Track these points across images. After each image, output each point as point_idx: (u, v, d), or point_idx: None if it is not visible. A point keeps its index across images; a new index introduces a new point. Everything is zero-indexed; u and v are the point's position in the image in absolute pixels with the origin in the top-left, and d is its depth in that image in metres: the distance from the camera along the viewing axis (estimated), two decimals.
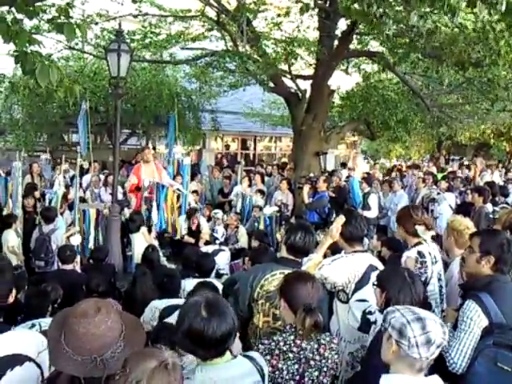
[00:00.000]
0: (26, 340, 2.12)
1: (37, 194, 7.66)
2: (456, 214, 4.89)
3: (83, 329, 1.65)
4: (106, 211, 6.82)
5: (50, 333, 1.78)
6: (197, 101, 13.37)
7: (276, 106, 15.35)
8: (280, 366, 2.34)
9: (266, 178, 10.88)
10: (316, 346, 2.39)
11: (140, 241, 6.40)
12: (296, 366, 2.36)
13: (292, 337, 2.38)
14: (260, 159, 18.11)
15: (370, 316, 2.91)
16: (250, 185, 9.69)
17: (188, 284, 4.07)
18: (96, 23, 9.40)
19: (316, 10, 9.11)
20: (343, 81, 11.93)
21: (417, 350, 1.81)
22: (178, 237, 7.74)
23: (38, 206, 7.30)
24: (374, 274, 2.86)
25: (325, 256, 3.14)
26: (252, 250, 5.79)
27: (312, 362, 2.38)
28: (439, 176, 11.04)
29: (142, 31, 10.17)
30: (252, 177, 10.27)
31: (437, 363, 1.98)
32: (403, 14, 4.85)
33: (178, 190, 7.93)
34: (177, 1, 10.43)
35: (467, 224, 3.73)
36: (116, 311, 1.79)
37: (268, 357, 2.32)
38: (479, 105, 10.70)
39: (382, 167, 18.04)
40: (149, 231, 6.76)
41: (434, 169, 13.31)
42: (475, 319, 2.44)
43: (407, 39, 7.16)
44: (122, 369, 1.52)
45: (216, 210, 8.40)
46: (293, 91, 10.51)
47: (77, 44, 8.91)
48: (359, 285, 2.97)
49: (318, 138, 10.32)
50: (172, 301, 3.57)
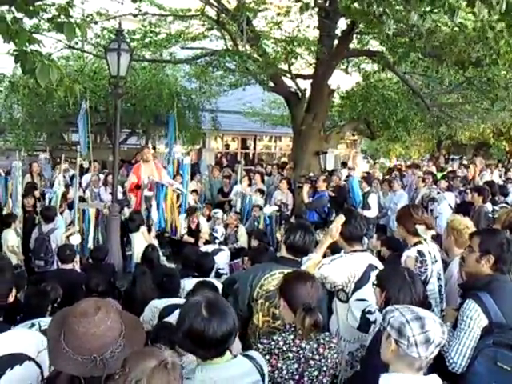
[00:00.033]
0: (26, 339, 2.12)
1: (37, 194, 7.66)
2: (456, 214, 4.90)
3: (83, 328, 1.65)
4: (106, 211, 6.82)
5: (50, 332, 1.78)
6: (197, 100, 13.35)
7: (276, 106, 15.34)
8: (279, 366, 2.34)
9: (266, 178, 10.88)
10: (315, 346, 2.39)
11: (140, 240, 6.40)
12: (295, 366, 2.35)
13: (291, 336, 2.38)
14: (260, 159, 18.10)
15: (370, 315, 2.91)
16: (250, 184, 9.69)
17: (187, 283, 4.07)
18: (96, 22, 9.40)
19: (316, 10, 9.12)
20: (343, 80, 11.92)
21: (416, 349, 1.81)
22: (178, 236, 7.74)
23: (38, 206, 7.30)
24: (374, 274, 2.86)
25: (324, 255, 3.14)
26: (252, 250, 5.79)
27: (311, 362, 2.37)
28: (439, 175, 11.04)
29: (142, 30, 10.17)
30: (252, 176, 10.27)
31: (436, 363, 1.98)
32: (403, 14, 4.85)
33: (178, 190, 7.94)
34: (177, 0, 10.43)
35: (467, 223, 3.73)
36: (116, 311, 1.79)
37: (267, 356, 2.32)
38: (479, 104, 10.70)
39: (382, 167, 18.04)
40: (148, 231, 6.77)
41: (434, 168, 13.30)
42: (475, 319, 2.44)
43: (407, 38, 7.16)
44: (122, 368, 1.52)
45: (216, 210, 8.40)
46: (293, 91, 10.50)
47: (77, 43, 8.90)
48: (359, 284, 2.97)
49: (318, 138, 10.32)
50: (172, 300, 3.58)
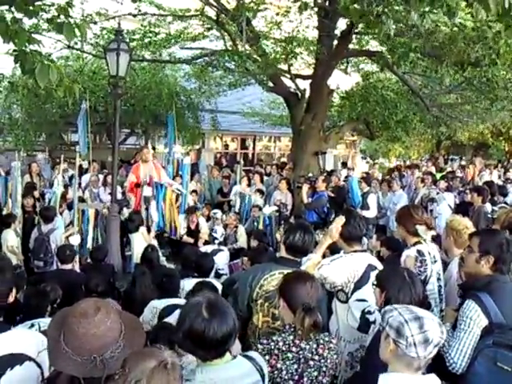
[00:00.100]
0: (26, 339, 2.12)
1: (36, 194, 7.66)
2: (455, 214, 4.90)
3: (83, 329, 1.65)
4: (105, 211, 6.82)
5: (50, 333, 1.78)
6: (196, 100, 13.34)
7: (275, 106, 15.33)
8: (279, 366, 2.34)
9: (265, 178, 10.87)
10: (315, 346, 2.39)
11: (139, 241, 6.40)
12: (295, 366, 2.35)
13: (291, 337, 2.38)
14: (259, 159, 18.08)
15: (370, 316, 2.91)
16: (249, 184, 9.68)
17: (187, 284, 4.07)
18: (95, 22, 9.38)
19: (315, 10, 9.11)
20: (342, 80, 11.92)
21: (414, 349, 1.81)
22: (178, 236, 7.74)
23: (38, 206, 7.29)
24: (374, 274, 2.86)
25: (324, 256, 3.14)
26: (251, 250, 5.79)
27: (311, 362, 2.37)
28: (438, 176, 11.05)
29: (142, 30, 10.16)
30: (251, 176, 10.26)
31: (436, 363, 1.98)
32: (402, 14, 4.85)
33: (177, 190, 7.93)
34: (176, 0, 10.43)
35: (466, 224, 3.73)
36: (115, 311, 1.79)
37: (267, 357, 2.32)
38: (478, 104, 10.70)
39: (381, 167, 18.05)
40: (148, 231, 6.77)
41: (433, 168, 13.31)
42: (475, 319, 2.44)
43: (407, 39, 7.16)
44: (122, 369, 1.52)
45: (215, 210, 8.39)
46: (292, 91, 10.50)
47: (76, 43, 8.87)
48: (358, 284, 2.97)
49: (318, 138, 10.31)
50: (171, 300, 3.57)
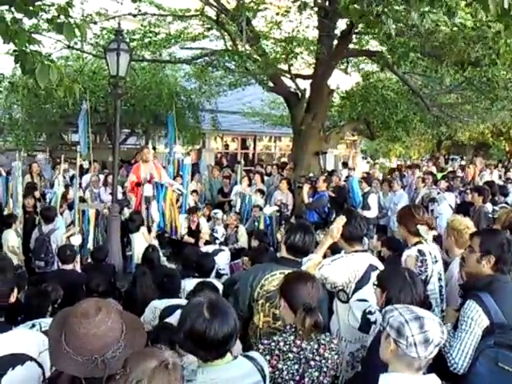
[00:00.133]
0: (28, 339, 2.12)
1: (37, 194, 7.66)
2: (456, 214, 4.89)
3: (84, 329, 1.65)
4: (106, 211, 6.82)
5: (51, 333, 1.78)
6: (196, 100, 13.34)
7: (276, 106, 15.33)
8: (280, 367, 2.34)
9: (266, 178, 10.87)
10: (316, 347, 2.39)
11: (140, 241, 6.40)
12: (296, 367, 2.35)
13: (292, 337, 2.38)
14: (260, 159, 18.08)
15: (371, 316, 2.91)
16: (250, 184, 9.68)
17: (188, 284, 4.08)
18: (95, 22, 9.38)
19: (315, 9, 9.11)
20: (343, 80, 11.92)
21: (415, 349, 1.81)
22: (178, 236, 7.74)
23: (38, 206, 7.30)
24: (374, 274, 2.86)
25: (325, 256, 3.13)
26: (252, 250, 5.79)
27: (312, 363, 2.37)
28: (439, 176, 11.05)
29: (142, 30, 10.16)
30: (252, 176, 10.26)
31: (437, 363, 1.98)
32: (402, 14, 4.84)
33: (178, 190, 7.93)
34: (176, 0, 10.43)
35: (467, 224, 3.73)
36: (116, 311, 1.79)
37: (268, 357, 2.32)
38: (479, 104, 10.70)
39: (382, 167, 18.04)
40: (148, 231, 6.77)
41: (434, 168, 13.31)
42: (476, 319, 2.44)
43: (407, 38, 7.15)
44: (123, 369, 1.52)
45: (216, 210, 8.39)
46: (292, 91, 10.50)
47: (76, 43, 8.88)
48: (359, 284, 2.97)
49: (318, 138, 10.31)
50: (172, 301, 3.57)
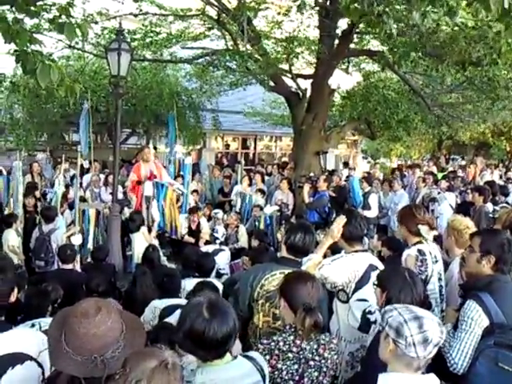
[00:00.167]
0: (28, 339, 2.12)
1: (37, 194, 7.66)
2: (456, 214, 4.89)
3: (84, 329, 1.65)
4: (106, 211, 6.82)
5: (51, 332, 1.78)
6: (197, 100, 13.35)
7: (276, 106, 15.32)
8: (279, 366, 2.34)
9: (266, 178, 10.87)
10: (315, 347, 2.39)
11: (140, 240, 6.40)
12: (295, 367, 2.35)
13: (292, 337, 2.38)
14: (260, 159, 18.08)
15: (370, 316, 2.91)
16: (251, 184, 9.68)
17: (188, 284, 4.07)
18: (96, 22, 9.38)
19: (316, 9, 9.11)
20: (344, 80, 11.90)
21: (414, 349, 1.80)
22: (178, 236, 7.74)
23: (39, 206, 7.30)
24: (375, 274, 2.86)
25: (325, 256, 3.13)
26: (252, 250, 5.79)
27: (311, 363, 2.37)
28: (439, 175, 11.04)
29: (143, 30, 10.16)
30: (252, 176, 10.27)
31: (437, 363, 1.97)
32: (404, 13, 4.84)
33: (178, 190, 7.93)
34: (177, 0, 10.43)
35: (467, 223, 3.73)
36: (116, 311, 1.79)
37: (267, 357, 2.32)
38: (480, 104, 10.69)
39: (383, 167, 18.03)
40: (149, 231, 6.77)
41: (435, 168, 13.30)
42: (476, 319, 2.43)
43: (408, 38, 7.15)
44: (122, 368, 1.52)
45: (216, 210, 8.40)
46: (293, 90, 10.49)
47: (77, 43, 8.89)
48: (359, 284, 2.97)
49: (319, 138, 10.31)
50: (172, 300, 3.58)
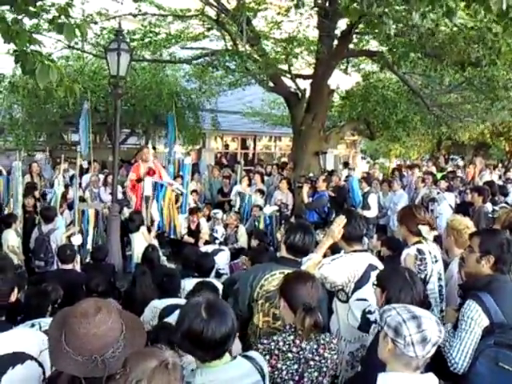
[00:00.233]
0: (28, 338, 2.12)
1: (37, 194, 7.66)
2: (456, 214, 4.90)
3: (83, 329, 1.65)
4: (106, 211, 6.82)
5: (51, 332, 1.78)
6: (196, 100, 13.34)
7: (276, 106, 15.33)
8: (279, 366, 2.34)
9: (266, 178, 10.86)
10: (315, 347, 2.39)
11: (140, 240, 6.40)
12: (295, 366, 2.35)
13: (291, 337, 2.38)
14: (259, 159, 18.08)
15: (370, 315, 2.91)
16: (250, 184, 9.68)
17: (188, 284, 4.07)
18: (96, 22, 9.39)
19: (316, 9, 9.12)
20: (343, 80, 11.92)
21: (412, 349, 1.81)
22: (178, 236, 7.74)
23: (38, 206, 7.30)
24: (374, 274, 2.86)
25: (325, 255, 3.13)
26: (251, 250, 5.79)
27: (311, 363, 2.37)
28: (439, 176, 11.04)
29: (142, 30, 10.17)
30: (252, 176, 10.26)
31: (437, 363, 1.98)
32: (403, 14, 4.85)
33: (178, 190, 7.93)
34: (176, 0, 10.43)
35: (467, 223, 3.73)
36: (116, 311, 1.79)
37: (267, 357, 2.32)
38: (479, 104, 10.70)
39: (382, 167, 18.03)
40: (148, 231, 6.77)
41: (434, 168, 13.30)
42: (476, 319, 2.44)
43: (407, 39, 7.16)
44: (123, 368, 1.52)
45: (216, 210, 8.39)
46: (292, 91, 10.50)
47: (76, 43, 8.89)
48: (359, 284, 2.97)
49: (318, 138, 10.32)
50: (172, 300, 3.58)
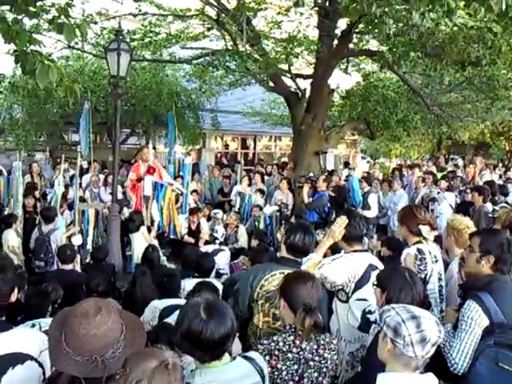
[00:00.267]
0: (28, 339, 2.12)
1: (37, 194, 7.66)
2: (456, 214, 4.89)
3: (84, 329, 1.65)
4: (106, 211, 6.82)
5: (51, 333, 1.78)
6: (197, 100, 13.34)
7: (276, 106, 15.33)
8: (279, 367, 2.34)
9: (266, 178, 10.86)
10: (315, 347, 2.39)
11: (140, 240, 6.40)
12: (295, 367, 2.35)
13: (291, 337, 2.38)
14: (260, 158, 18.07)
15: (370, 315, 2.91)
16: (250, 184, 9.68)
17: (188, 284, 4.07)
18: (96, 22, 9.39)
19: (316, 9, 9.12)
20: (343, 80, 11.92)
21: (412, 349, 1.80)
22: (178, 236, 7.74)
23: (38, 206, 7.30)
24: (374, 274, 2.86)
25: (325, 255, 3.13)
26: (252, 250, 5.79)
27: (311, 363, 2.37)
28: (439, 175, 11.03)
29: (142, 30, 10.17)
30: (252, 176, 10.26)
31: (437, 363, 1.97)
32: (403, 14, 4.85)
33: (178, 190, 7.93)
34: (176, 0, 10.43)
35: (467, 223, 3.73)
36: (116, 311, 1.79)
37: (267, 357, 2.32)
38: (479, 103, 10.70)
39: (382, 167, 18.03)
40: (148, 231, 6.77)
41: (434, 168, 13.29)
42: (476, 319, 2.43)
43: (407, 38, 7.16)
44: (123, 369, 1.52)
45: (216, 210, 8.39)
46: (293, 90, 10.50)
47: (76, 43, 8.89)
48: (359, 284, 2.97)
49: (318, 138, 10.31)
50: (172, 301, 3.58)
